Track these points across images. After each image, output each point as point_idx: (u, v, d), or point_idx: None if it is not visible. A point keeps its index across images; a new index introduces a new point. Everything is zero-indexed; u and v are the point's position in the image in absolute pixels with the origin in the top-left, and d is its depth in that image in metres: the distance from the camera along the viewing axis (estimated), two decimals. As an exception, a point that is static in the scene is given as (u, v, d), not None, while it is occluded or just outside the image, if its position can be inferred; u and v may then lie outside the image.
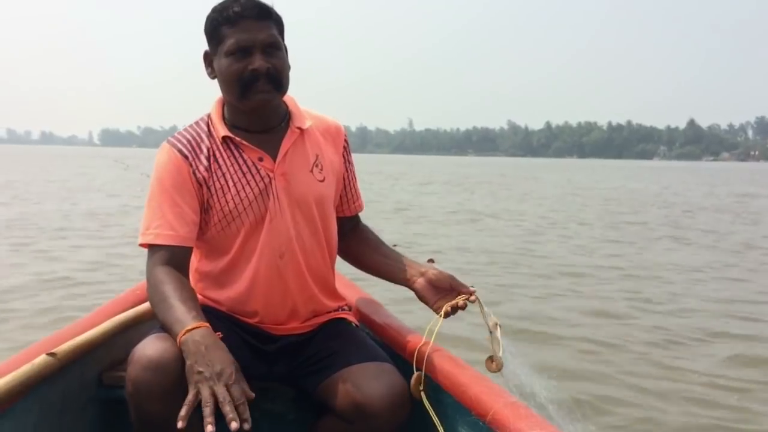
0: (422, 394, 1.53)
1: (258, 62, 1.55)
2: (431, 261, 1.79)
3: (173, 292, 1.48)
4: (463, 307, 1.63)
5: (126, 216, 11.53)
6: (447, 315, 1.62)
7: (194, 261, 1.69)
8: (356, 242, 1.88)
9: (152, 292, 1.53)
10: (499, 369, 1.55)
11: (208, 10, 1.62)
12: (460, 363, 1.57)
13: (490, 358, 1.56)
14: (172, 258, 1.56)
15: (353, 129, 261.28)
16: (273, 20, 1.60)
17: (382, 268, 1.81)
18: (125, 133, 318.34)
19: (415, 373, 1.57)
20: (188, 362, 1.35)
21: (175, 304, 1.46)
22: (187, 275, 1.62)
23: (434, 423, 1.45)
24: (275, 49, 1.58)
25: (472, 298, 1.63)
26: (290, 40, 1.65)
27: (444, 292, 1.67)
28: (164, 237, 1.57)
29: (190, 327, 1.39)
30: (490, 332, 1.58)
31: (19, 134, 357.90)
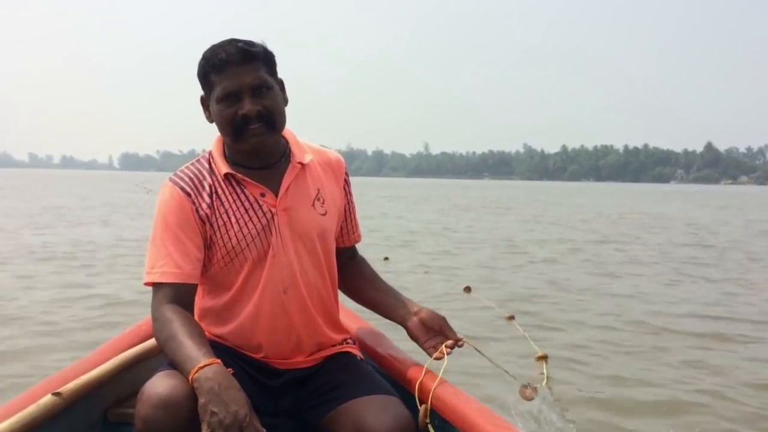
0: (429, 427, 1.53)
1: (247, 107, 1.56)
2: (467, 289, 1.85)
3: (181, 329, 1.48)
4: (456, 346, 1.73)
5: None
6: (440, 358, 1.69)
7: (197, 297, 1.69)
8: (355, 275, 1.90)
9: (159, 330, 1.52)
10: (532, 398, 1.67)
11: (225, 34, 1.62)
12: (466, 396, 1.57)
13: (525, 386, 1.68)
14: (178, 295, 1.56)
15: (369, 153, 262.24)
16: (261, 60, 1.60)
17: (379, 305, 1.86)
18: (144, 157, 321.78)
19: (422, 406, 1.57)
20: (201, 400, 1.34)
21: (184, 341, 1.45)
22: (192, 312, 1.62)
23: None
24: (265, 89, 1.59)
25: (461, 343, 1.73)
26: (314, 67, 1.58)
27: (433, 333, 1.76)
28: (169, 275, 1.57)
29: (202, 364, 1.38)
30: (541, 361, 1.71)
31: (41, 158, 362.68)
